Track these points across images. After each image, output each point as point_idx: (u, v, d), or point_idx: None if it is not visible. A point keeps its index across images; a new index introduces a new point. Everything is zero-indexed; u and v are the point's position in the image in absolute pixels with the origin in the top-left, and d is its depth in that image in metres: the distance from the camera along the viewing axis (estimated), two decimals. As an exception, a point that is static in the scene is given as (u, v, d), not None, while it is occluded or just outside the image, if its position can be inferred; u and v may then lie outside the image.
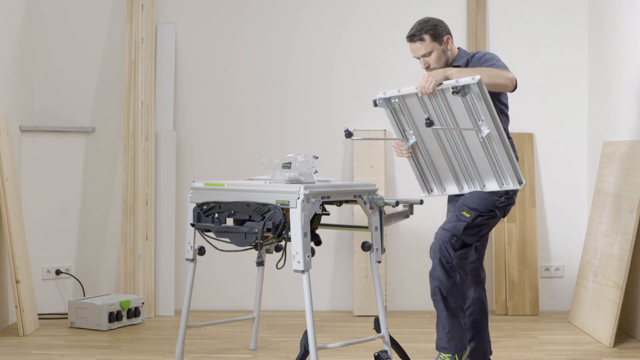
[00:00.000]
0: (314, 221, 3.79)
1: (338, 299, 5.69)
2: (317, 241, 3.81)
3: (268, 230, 3.69)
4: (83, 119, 5.61)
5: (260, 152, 5.51)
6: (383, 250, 3.99)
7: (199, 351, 4.50)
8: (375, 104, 3.79)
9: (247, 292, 5.56)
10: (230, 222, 3.94)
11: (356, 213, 5.52)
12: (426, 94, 3.56)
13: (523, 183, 3.60)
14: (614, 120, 5.14)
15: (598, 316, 4.81)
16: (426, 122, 3.51)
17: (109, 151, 5.62)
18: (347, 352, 4.43)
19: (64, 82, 5.60)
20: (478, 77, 3.39)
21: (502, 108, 3.80)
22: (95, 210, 5.60)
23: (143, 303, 5.21)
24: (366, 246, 3.91)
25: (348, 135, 3.77)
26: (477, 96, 3.43)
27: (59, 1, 5.59)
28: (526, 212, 5.56)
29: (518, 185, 3.60)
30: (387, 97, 3.76)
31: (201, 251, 4.09)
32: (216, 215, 3.93)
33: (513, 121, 4.28)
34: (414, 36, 3.79)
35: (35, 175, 5.40)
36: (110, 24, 5.62)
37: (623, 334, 4.85)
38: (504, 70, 3.63)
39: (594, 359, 4.35)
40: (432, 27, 3.77)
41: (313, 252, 3.64)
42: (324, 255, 5.56)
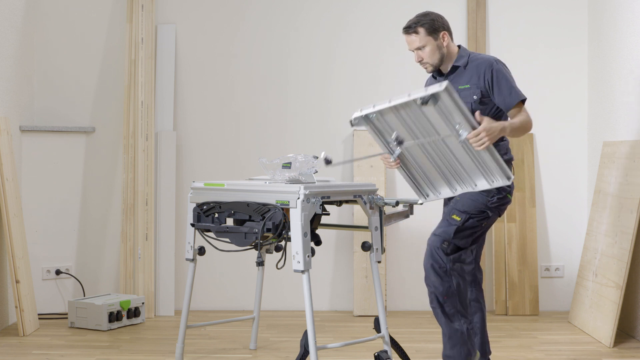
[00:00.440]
0: (314, 221, 3.79)
1: (338, 299, 5.68)
2: (317, 241, 3.81)
3: (268, 230, 3.69)
4: (83, 119, 5.61)
5: (260, 152, 5.51)
6: (383, 250, 3.99)
7: (199, 351, 4.50)
8: (351, 124, 3.69)
9: (247, 292, 5.56)
10: (230, 222, 3.94)
11: (356, 213, 5.52)
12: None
13: (511, 178, 3.56)
14: (614, 120, 5.14)
15: (598, 316, 4.80)
16: (397, 141, 3.57)
17: (109, 151, 5.62)
18: (347, 352, 4.43)
19: (64, 82, 5.60)
20: (445, 83, 3.32)
21: (500, 113, 3.78)
22: (95, 210, 5.60)
23: (143, 303, 5.21)
24: (366, 246, 3.91)
25: (327, 162, 3.70)
26: (448, 102, 3.40)
27: (59, 1, 5.59)
28: (526, 212, 5.56)
29: (507, 181, 3.57)
30: (363, 115, 3.67)
31: (201, 251, 4.09)
32: (216, 215, 3.93)
33: (513, 121, 4.28)
34: (409, 28, 3.78)
35: (35, 175, 5.40)
36: (110, 24, 5.62)
37: (623, 334, 4.85)
38: (528, 115, 3.66)
39: (594, 359, 4.35)
40: (429, 21, 3.76)
41: (313, 252, 3.64)
42: (324, 255, 5.56)
